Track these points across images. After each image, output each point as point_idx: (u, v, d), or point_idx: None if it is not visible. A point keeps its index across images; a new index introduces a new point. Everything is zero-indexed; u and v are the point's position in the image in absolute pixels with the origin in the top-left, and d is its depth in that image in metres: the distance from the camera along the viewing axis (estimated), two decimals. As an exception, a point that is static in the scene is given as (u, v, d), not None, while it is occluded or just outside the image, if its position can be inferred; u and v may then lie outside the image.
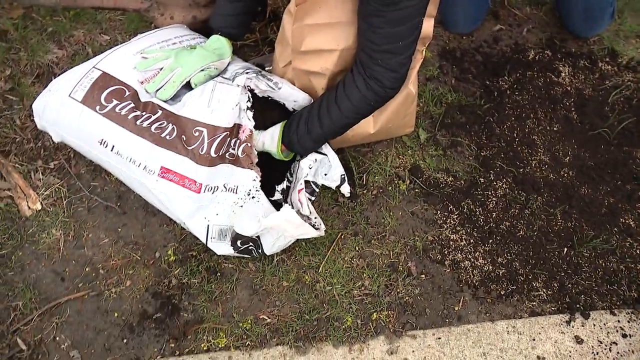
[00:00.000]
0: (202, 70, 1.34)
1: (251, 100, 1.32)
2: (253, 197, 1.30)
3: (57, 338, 1.32)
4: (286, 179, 1.44)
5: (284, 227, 1.26)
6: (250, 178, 1.30)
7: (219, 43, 1.40)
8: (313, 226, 1.31)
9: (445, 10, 1.85)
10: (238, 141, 1.32)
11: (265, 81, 1.36)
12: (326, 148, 1.43)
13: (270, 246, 1.33)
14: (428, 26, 1.33)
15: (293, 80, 1.41)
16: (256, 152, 1.32)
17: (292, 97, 1.39)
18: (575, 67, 1.80)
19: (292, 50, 1.32)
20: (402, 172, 1.55)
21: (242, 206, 1.30)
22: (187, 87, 1.36)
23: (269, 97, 1.39)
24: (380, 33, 1.18)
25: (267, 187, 1.38)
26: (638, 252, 1.42)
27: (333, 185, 1.41)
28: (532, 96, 1.72)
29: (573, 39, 1.87)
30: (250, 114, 1.30)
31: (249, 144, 1.31)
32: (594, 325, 1.31)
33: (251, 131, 1.31)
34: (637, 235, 1.45)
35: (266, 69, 1.53)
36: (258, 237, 1.32)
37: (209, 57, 1.36)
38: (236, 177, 1.31)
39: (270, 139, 1.37)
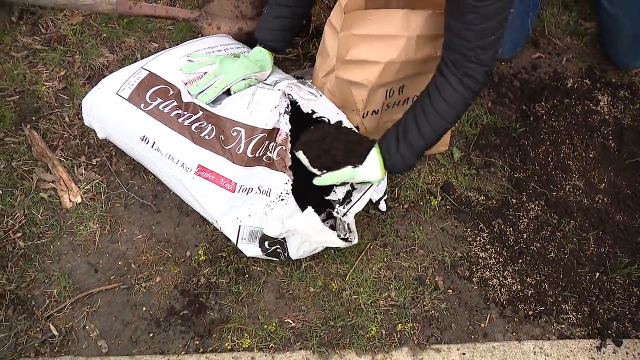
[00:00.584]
0: (244, 79, 1.41)
1: (290, 107, 1.37)
2: (282, 200, 1.33)
3: (87, 327, 1.36)
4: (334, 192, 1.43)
5: (306, 230, 1.28)
6: (282, 181, 1.34)
7: (261, 55, 1.46)
8: (346, 239, 1.33)
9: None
10: (274, 144, 1.37)
11: (307, 89, 1.41)
12: None
13: (296, 250, 1.35)
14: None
15: (334, 91, 1.45)
16: (290, 156, 1.36)
17: (333, 109, 1.43)
18: (614, 97, 1.81)
19: (337, 59, 1.36)
20: (434, 188, 1.57)
21: (272, 209, 1.34)
22: (227, 93, 1.42)
23: (313, 112, 1.41)
24: (474, 29, 1.20)
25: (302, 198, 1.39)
26: (675, 283, 1.40)
27: (376, 198, 1.45)
28: (569, 123, 1.73)
29: (613, 70, 1.88)
30: (287, 117, 1.35)
31: (284, 147, 1.35)
32: (627, 353, 1.29)
33: (287, 134, 1.35)
34: (673, 266, 1.43)
35: (308, 82, 1.58)
36: (284, 239, 1.35)
37: (251, 67, 1.42)
38: (270, 180, 1.36)
39: (371, 171, 1.32)
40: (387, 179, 1.55)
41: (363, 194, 1.37)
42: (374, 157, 1.30)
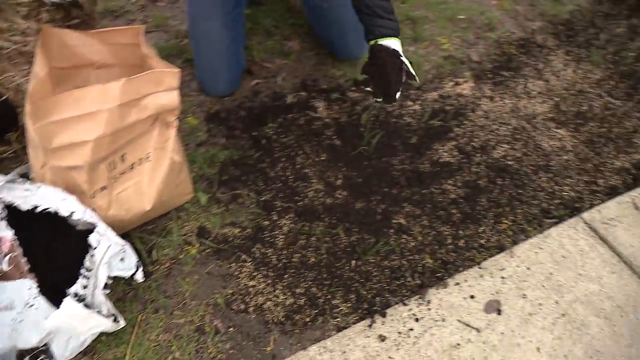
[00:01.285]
0: None
1: (6, 211, 1.35)
2: (32, 306, 1.30)
3: None
4: (82, 276, 1.43)
5: (70, 323, 1.28)
6: (25, 287, 1.31)
7: None
8: (115, 318, 1.35)
9: (205, 77, 2.05)
10: (1, 254, 1.33)
11: (20, 186, 1.39)
12: (121, 239, 1.48)
13: (62, 351, 1.33)
14: (172, 98, 1.47)
15: (55, 180, 1.44)
16: (25, 260, 1.33)
17: (57, 196, 1.43)
18: (328, 101, 2.08)
19: (43, 150, 1.37)
20: (190, 237, 1.65)
21: (22, 320, 1.30)
22: None
23: (35, 207, 1.39)
24: None
25: (58, 293, 1.38)
26: (412, 244, 1.66)
27: (128, 275, 1.47)
28: (297, 135, 1.95)
29: (322, 77, 2.17)
30: (4, 223, 1.32)
31: (14, 254, 1.32)
32: (392, 320, 1.49)
33: (12, 240, 1.32)
34: (409, 230, 1.69)
35: (32, 176, 1.56)
36: (46, 345, 1.32)
37: None
38: (9, 292, 1.31)
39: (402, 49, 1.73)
40: (141, 246, 1.60)
41: (97, 281, 1.40)
42: (394, 43, 1.73)
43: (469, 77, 2.26)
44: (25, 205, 1.37)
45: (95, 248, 1.42)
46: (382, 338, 1.46)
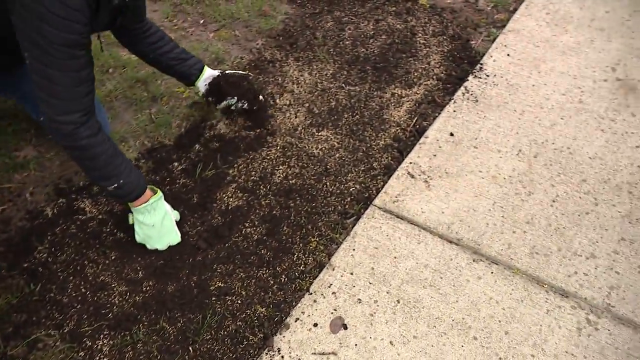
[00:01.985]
0: None
1: None
2: None
3: None
4: None
5: None
6: None
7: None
8: None
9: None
10: None
11: None
12: None
13: None
14: None
15: None
16: None
17: None
18: (93, 196, 1.98)
19: None
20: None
21: None
22: None
23: None
24: None
25: None
26: (239, 302, 1.67)
27: None
28: (75, 246, 1.82)
29: (75, 174, 2.05)
30: None
31: None
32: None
33: None
34: (231, 290, 1.70)
35: None
36: None
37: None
38: None
39: None
40: None
41: None
42: (209, 70, 2.16)
43: (220, 115, 2.31)
44: None
45: None
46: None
